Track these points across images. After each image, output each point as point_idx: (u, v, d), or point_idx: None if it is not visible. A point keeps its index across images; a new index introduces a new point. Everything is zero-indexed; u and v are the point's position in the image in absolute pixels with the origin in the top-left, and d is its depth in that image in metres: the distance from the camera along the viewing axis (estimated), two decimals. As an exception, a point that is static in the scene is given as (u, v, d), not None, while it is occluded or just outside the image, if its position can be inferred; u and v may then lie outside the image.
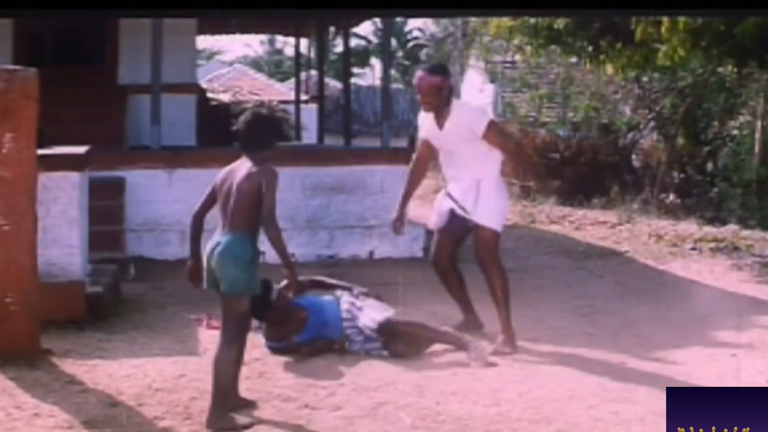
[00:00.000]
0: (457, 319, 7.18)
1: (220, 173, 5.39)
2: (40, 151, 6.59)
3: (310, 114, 18.86)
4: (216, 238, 5.22)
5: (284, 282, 5.65)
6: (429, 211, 7.72)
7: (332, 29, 20.33)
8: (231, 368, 5.23)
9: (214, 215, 5.35)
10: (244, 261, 5.14)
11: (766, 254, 11.81)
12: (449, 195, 7.01)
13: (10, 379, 5.83)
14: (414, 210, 10.83)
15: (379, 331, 6.52)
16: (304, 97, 19.45)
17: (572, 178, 20.00)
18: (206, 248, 5.25)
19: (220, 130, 14.70)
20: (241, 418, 5.22)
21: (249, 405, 5.44)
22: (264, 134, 5.35)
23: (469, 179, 6.87)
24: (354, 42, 39.77)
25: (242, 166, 5.28)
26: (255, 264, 5.18)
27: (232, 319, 5.22)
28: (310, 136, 18.25)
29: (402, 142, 22.86)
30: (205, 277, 5.28)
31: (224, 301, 5.24)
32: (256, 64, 47.39)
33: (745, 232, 13.75)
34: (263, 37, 48.91)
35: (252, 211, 5.14)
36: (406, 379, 6.01)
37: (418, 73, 7.03)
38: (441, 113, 6.87)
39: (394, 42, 42.71)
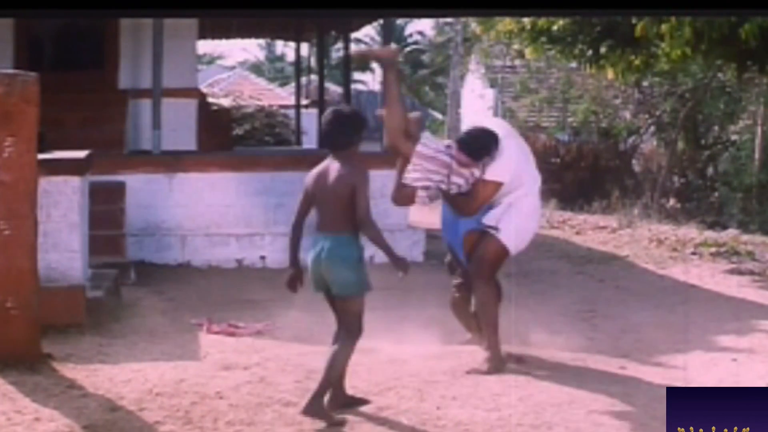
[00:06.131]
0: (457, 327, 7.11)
1: (310, 176, 5.42)
2: (41, 156, 6.58)
3: (310, 119, 18.86)
4: (319, 242, 5.27)
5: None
6: (429, 216, 7.67)
7: (333, 34, 20.35)
8: (345, 364, 5.31)
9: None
10: (352, 261, 5.23)
11: (767, 259, 11.81)
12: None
13: (11, 383, 5.82)
14: (414, 215, 10.83)
15: None
16: (304, 102, 19.46)
17: (572, 183, 20.02)
18: (309, 253, 5.29)
19: (220, 134, 14.74)
20: (334, 416, 5.26)
21: (359, 402, 5.48)
22: (347, 132, 5.37)
23: None
24: (354, 47, 39.75)
25: (331, 168, 5.32)
26: (362, 263, 5.27)
27: (350, 318, 5.28)
28: (310, 141, 18.24)
29: (402, 147, 22.86)
30: (313, 281, 5.33)
31: (339, 303, 5.31)
32: (256, 68, 47.41)
33: (746, 237, 13.77)
34: (263, 41, 48.95)
35: (350, 212, 5.19)
36: (407, 383, 6.01)
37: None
38: None
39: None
